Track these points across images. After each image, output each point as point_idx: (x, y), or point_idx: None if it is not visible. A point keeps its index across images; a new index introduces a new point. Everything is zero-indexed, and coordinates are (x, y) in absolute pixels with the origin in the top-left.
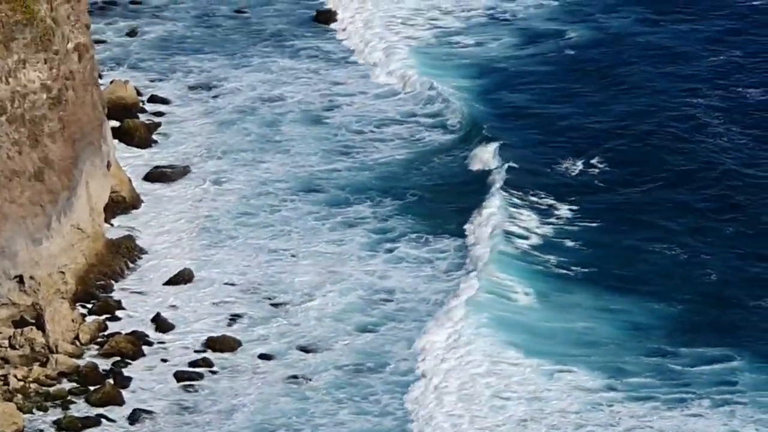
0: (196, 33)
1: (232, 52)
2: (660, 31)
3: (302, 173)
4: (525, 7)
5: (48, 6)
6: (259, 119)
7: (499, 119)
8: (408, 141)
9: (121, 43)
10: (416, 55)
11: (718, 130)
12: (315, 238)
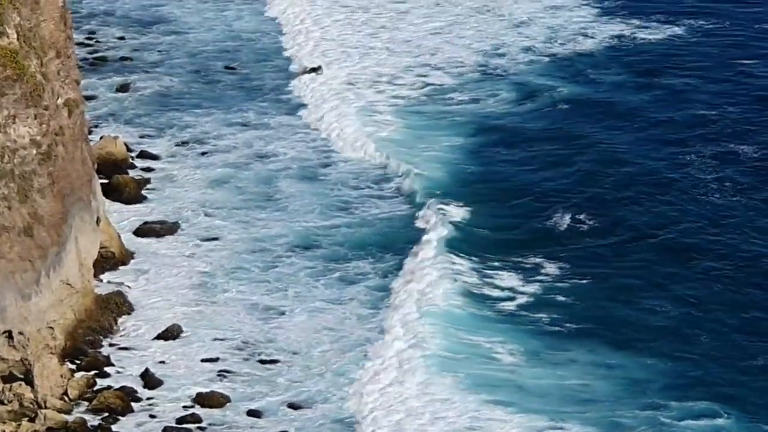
0: (187, 89)
1: (224, 108)
2: (652, 86)
3: (299, 228)
4: (515, 63)
5: (38, 62)
6: (253, 175)
7: (481, 180)
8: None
9: (112, 99)
10: (404, 113)
11: (711, 186)
12: (311, 295)
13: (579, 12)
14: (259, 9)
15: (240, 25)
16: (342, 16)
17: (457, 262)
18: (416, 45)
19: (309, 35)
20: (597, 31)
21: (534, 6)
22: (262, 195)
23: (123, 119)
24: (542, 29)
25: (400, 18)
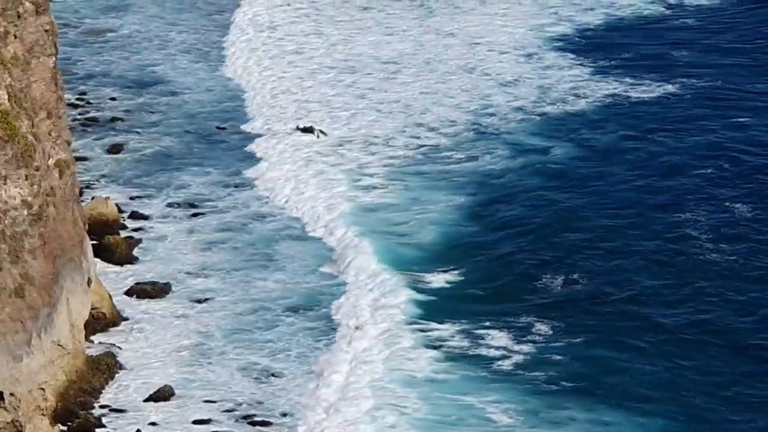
0: (180, 149)
1: (219, 168)
2: (646, 145)
3: (300, 290)
4: (507, 122)
5: (29, 122)
6: (250, 236)
7: (475, 240)
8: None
9: (103, 160)
10: (399, 174)
11: (706, 246)
12: (312, 357)
13: (570, 71)
14: (240, 70)
15: (230, 86)
16: (329, 76)
17: (442, 327)
18: (405, 105)
19: (292, 96)
20: (589, 91)
21: (523, 66)
22: (260, 255)
23: (114, 180)
24: (532, 89)
25: (389, 78)
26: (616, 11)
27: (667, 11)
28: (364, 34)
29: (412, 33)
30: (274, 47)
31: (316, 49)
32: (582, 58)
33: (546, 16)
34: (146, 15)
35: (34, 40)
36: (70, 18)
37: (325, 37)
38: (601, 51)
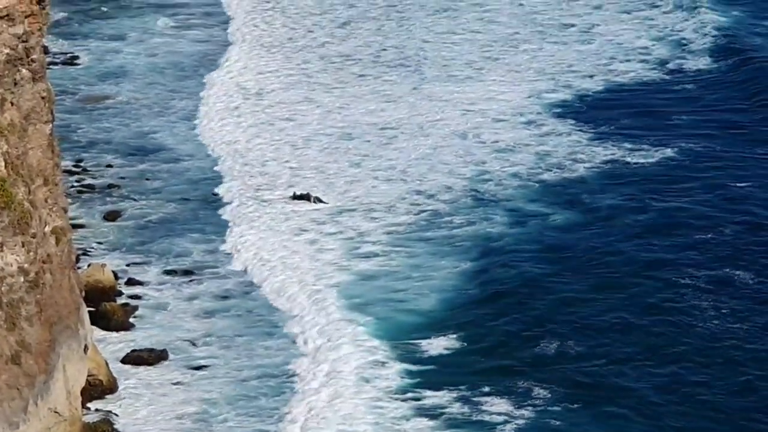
0: (177, 216)
1: (216, 236)
2: (646, 210)
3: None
4: (504, 188)
5: (26, 189)
6: (250, 302)
7: (474, 306)
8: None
9: (99, 227)
10: (400, 241)
11: (708, 313)
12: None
13: (569, 137)
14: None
15: (225, 153)
16: (324, 142)
17: (439, 394)
18: (402, 171)
19: (285, 164)
20: (588, 156)
21: (519, 132)
22: (261, 322)
23: (111, 247)
24: (529, 155)
25: (384, 144)
26: (615, 77)
27: (666, 76)
28: (359, 101)
29: (406, 100)
30: (264, 114)
31: (309, 116)
32: (581, 123)
33: (544, 83)
34: (145, 82)
35: (30, 107)
36: (67, 85)
37: (318, 104)
38: (601, 116)
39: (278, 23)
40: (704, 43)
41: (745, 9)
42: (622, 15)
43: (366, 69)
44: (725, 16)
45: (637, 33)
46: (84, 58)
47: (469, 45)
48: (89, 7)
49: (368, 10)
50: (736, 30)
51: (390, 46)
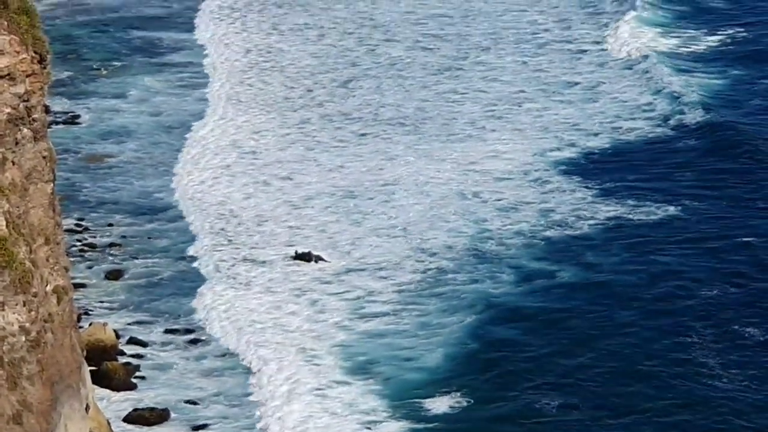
0: (178, 276)
1: (217, 294)
2: (651, 268)
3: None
4: (507, 246)
5: (27, 248)
6: (254, 363)
7: (478, 362)
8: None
9: (101, 286)
10: (406, 300)
11: (716, 371)
12: None
13: (572, 195)
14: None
15: (217, 213)
16: (324, 201)
17: None
18: (403, 230)
19: (283, 223)
20: (592, 213)
21: (522, 191)
22: (261, 381)
23: (112, 306)
24: (532, 212)
25: (384, 203)
26: (621, 135)
27: (670, 132)
28: (359, 160)
29: (407, 158)
30: (260, 173)
31: (308, 175)
32: (586, 181)
33: (549, 141)
34: (150, 141)
35: (32, 167)
36: (69, 144)
37: (317, 162)
38: (606, 174)
39: (276, 82)
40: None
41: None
42: (625, 71)
43: (366, 128)
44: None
45: (640, 89)
46: (85, 116)
47: (472, 104)
48: (90, 67)
49: (369, 69)
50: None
51: (390, 105)
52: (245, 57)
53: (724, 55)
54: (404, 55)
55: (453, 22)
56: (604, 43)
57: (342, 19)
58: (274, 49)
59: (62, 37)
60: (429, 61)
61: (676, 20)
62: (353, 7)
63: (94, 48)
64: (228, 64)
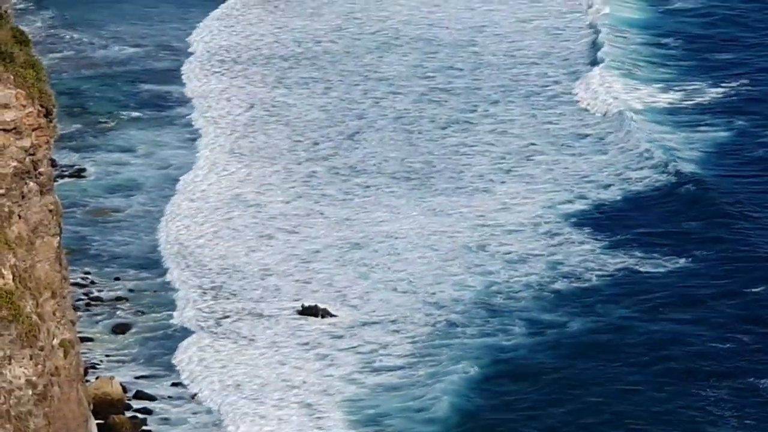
0: (188, 328)
1: (215, 350)
2: (661, 320)
3: None
4: (516, 299)
5: (34, 302)
6: (256, 418)
7: (485, 418)
8: None
9: (108, 340)
10: (417, 352)
11: (732, 424)
12: None
13: (582, 247)
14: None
15: (229, 266)
16: (330, 255)
17: None
18: (410, 283)
19: (289, 278)
20: (600, 265)
21: (531, 243)
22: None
23: (119, 360)
24: (540, 264)
25: (392, 256)
26: (631, 186)
27: (675, 179)
28: (366, 213)
29: (414, 211)
30: (263, 227)
31: (314, 229)
32: (595, 233)
33: (559, 194)
34: (160, 194)
35: (38, 220)
36: (76, 197)
37: (323, 216)
38: (615, 225)
39: (282, 135)
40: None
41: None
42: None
43: (373, 180)
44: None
45: (637, 141)
46: (92, 170)
47: (481, 157)
48: (97, 120)
49: (376, 121)
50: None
51: (398, 158)
52: (248, 111)
53: (727, 106)
54: (411, 108)
55: (462, 75)
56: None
57: (349, 72)
58: (279, 102)
59: (69, 91)
60: (437, 113)
61: (680, 75)
62: (360, 60)
63: (101, 101)
64: (230, 117)
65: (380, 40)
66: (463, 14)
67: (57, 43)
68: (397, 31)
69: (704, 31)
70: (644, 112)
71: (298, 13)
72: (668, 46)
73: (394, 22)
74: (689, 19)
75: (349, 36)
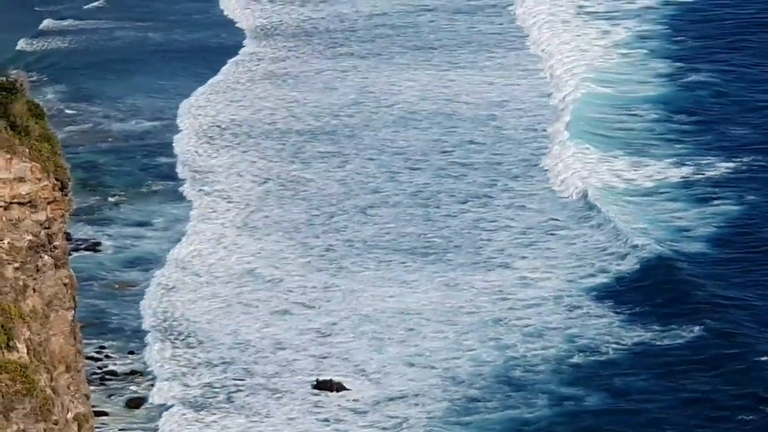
0: (203, 399)
1: (226, 427)
2: (678, 390)
3: None
4: (535, 372)
5: (48, 376)
6: None
7: None
8: None
9: (122, 414)
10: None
11: None
12: None
13: (597, 320)
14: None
15: (242, 341)
16: (346, 329)
17: None
18: (428, 358)
19: (304, 352)
20: (617, 338)
21: (551, 317)
22: None
23: None
24: (559, 338)
25: (409, 331)
26: (646, 254)
27: (688, 248)
28: (381, 288)
29: (431, 286)
30: (278, 301)
31: (330, 303)
32: (614, 305)
33: (579, 268)
34: (178, 267)
35: (53, 294)
36: (93, 270)
37: (340, 290)
38: (633, 297)
39: (297, 209)
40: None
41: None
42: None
43: (390, 255)
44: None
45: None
46: (107, 243)
47: (500, 232)
48: (112, 194)
49: (393, 196)
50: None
51: (415, 233)
52: (261, 186)
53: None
54: (431, 182)
55: (482, 149)
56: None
57: (365, 146)
58: (296, 176)
59: (85, 164)
60: (455, 188)
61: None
62: (379, 134)
63: (117, 175)
64: (242, 191)
65: (396, 114)
66: (480, 88)
67: (73, 116)
68: (412, 105)
69: (717, 105)
70: (656, 186)
71: (310, 88)
72: (681, 122)
73: (408, 96)
74: (701, 93)
75: (368, 110)
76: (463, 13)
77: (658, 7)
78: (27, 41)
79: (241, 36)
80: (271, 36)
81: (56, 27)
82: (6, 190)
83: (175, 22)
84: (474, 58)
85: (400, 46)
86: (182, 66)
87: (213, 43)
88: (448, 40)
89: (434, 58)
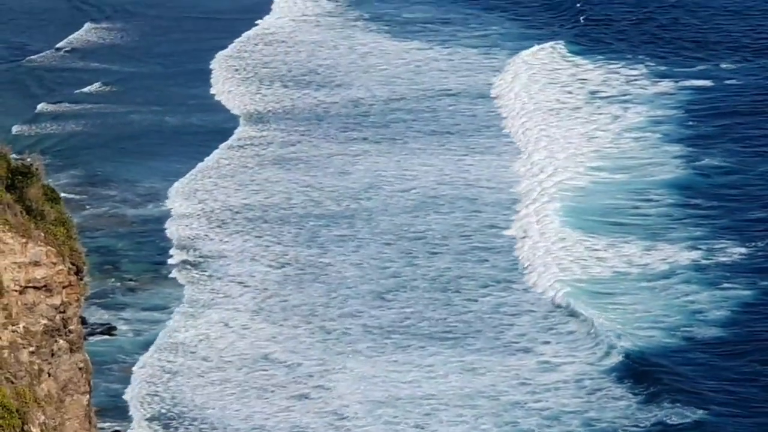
0: None
1: None
2: None
3: None
4: None
5: None
6: None
7: None
8: None
9: None
10: None
11: None
12: None
13: (617, 402)
14: None
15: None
16: (360, 413)
17: None
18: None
19: None
20: (634, 422)
21: (569, 400)
22: None
23: None
24: (576, 421)
25: (426, 416)
26: (665, 330)
27: (703, 331)
28: (399, 374)
29: (450, 373)
30: (293, 386)
31: (345, 387)
32: (634, 386)
33: (599, 348)
34: (209, 321)
35: (68, 378)
36: (109, 355)
37: (355, 374)
38: (652, 378)
39: (314, 291)
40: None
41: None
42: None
43: (407, 340)
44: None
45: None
46: (124, 327)
47: (522, 316)
48: (128, 278)
49: (412, 281)
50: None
51: (434, 318)
52: (278, 270)
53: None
54: (452, 267)
55: (502, 234)
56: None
57: (382, 230)
58: (313, 261)
59: (101, 249)
60: (477, 272)
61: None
62: (396, 219)
63: (134, 259)
64: (259, 276)
65: (415, 199)
66: (499, 172)
67: (89, 200)
68: (430, 190)
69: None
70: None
71: (323, 172)
72: (698, 206)
73: (426, 181)
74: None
75: (385, 194)
76: (485, 97)
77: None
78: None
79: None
80: (282, 119)
81: (52, 111)
82: (21, 274)
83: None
84: (492, 143)
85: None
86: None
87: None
88: (467, 125)
89: (450, 143)
